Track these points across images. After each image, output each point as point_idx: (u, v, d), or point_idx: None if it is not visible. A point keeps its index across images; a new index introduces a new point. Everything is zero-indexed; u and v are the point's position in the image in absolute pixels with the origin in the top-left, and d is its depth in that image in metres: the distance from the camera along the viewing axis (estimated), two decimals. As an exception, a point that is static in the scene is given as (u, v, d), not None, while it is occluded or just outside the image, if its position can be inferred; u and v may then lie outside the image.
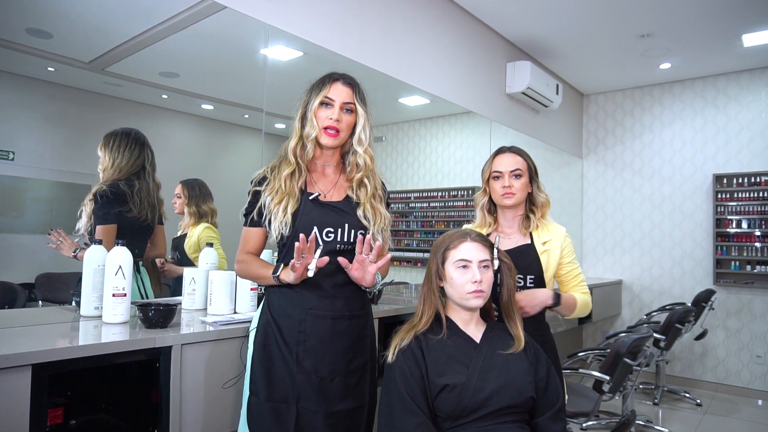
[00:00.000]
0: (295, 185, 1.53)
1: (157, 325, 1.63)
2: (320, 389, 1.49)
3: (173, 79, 2.84)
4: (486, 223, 1.94)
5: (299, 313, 1.51)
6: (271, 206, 1.51)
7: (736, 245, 4.72)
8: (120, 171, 2.18)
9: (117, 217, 2.12)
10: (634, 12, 3.62)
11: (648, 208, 5.22)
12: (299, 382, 1.48)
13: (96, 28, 2.38)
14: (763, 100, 4.69)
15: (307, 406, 1.48)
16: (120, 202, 2.14)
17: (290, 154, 1.55)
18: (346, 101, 1.55)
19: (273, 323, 1.53)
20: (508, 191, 1.83)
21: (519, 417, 1.43)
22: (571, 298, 1.82)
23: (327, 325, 1.52)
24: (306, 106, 1.57)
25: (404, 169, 5.03)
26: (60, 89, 2.51)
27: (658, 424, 3.87)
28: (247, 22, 2.32)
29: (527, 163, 1.88)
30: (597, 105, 5.58)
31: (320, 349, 1.51)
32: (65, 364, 1.32)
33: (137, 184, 2.21)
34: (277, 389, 1.49)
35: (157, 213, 2.32)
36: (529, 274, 1.81)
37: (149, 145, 2.30)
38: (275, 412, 1.48)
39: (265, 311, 1.57)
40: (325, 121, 1.53)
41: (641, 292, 5.23)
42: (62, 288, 2.30)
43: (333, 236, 1.54)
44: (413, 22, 3.19)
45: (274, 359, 1.51)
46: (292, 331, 1.51)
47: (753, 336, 4.67)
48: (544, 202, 1.88)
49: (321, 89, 1.55)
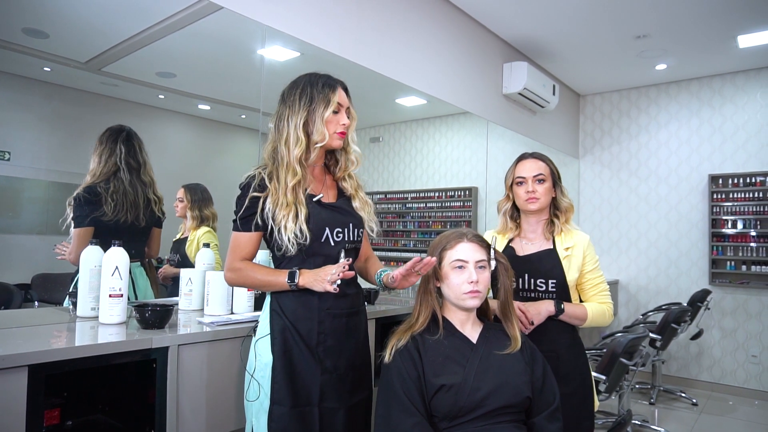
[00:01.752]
0: (300, 193, 1.52)
1: (153, 325, 1.63)
2: (339, 386, 1.53)
3: (170, 79, 2.83)
4: (507, 229, 1.95)
5: (318, 314, 1.52)
6: (279, 217, 1.48)
7: (731, 245, 4.75)
8: (93, 175, 2.17)
9: (92, 220, 2.12)
10: (631, 13, 3.63)
11: (644, 209, 5.24)
12: (323, 382, 1.51)
13: (93, 28, 2.38)
14: (759, 101, 4.71)
15: (329, 404, 1.51)
16: (92, 204, 2.13)
17: (296, 164, 1.52)
18: (348, 106, 1.61)
19: (292, 328, 1.51)
20: (532, 196, 1.84)
21: (515, 417, 1.44)
22: (580, 308, 1.80)
23: (343, 323, 1.56)
24: (308, 114, 1.54)
25: (401, 170, 5.03)
26: (56, 89, 2.50)
27: (655, 423, 3.88)
28: (244, 23, 2.32)
29: (550, 168, 1.89)
30: (593, 106, 5.60)
31: (338, 347, 1.54)
32: (62, 364, 1.32)
33: (112, 185, 2.18)
34: (301, 393, 1.49)
35: (142, 212, 2.26)
36: (551, 278, 1.82)
37: (125, 139, 2.24)
38: (300, 416, 1.48)
39: (278, 316, 1.53)
40: (338, 126, 1.57)
41: (637, 292, 5.25)
42: (58, 288, 2.30)
43: (342, 236, 1.57)
44: (410, 23, 3.19)
45: (295, 364, 1.50)
46: (311, 333, 1.52)
47: (748, 336, 4.69)
48: (567, 206, 1.89)
49: (330, 97, 1.55)
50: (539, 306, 1.77)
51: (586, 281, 1.84)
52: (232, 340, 1.71)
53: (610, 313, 1.86)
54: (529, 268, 1.84)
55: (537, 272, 1.83)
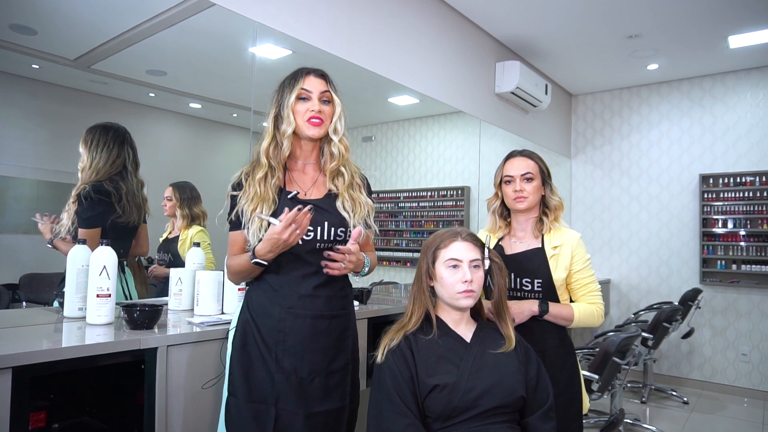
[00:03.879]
0: (269, 188, 1.50)
1: (142, 326, 1.61)
2: (300, 390, 1.47)
3: (160, 77, 2.80)
4: (497, 227, 1.93)
5: (279, 312, 1.48)
6: (248, 213, 1.48)
7: (722, 245, 4.78)
8: (98, 172, 2.10)
9: (102, 220, 2.07)
10: (623, 13, 3.64)
11: (636, 208, 5.26)
12: (278, 382, 1.46)
13: (82, 25, 2.34)
14: (749, 101, 4.74)
15: (287, 407, 1.46)
16: (105, 204, 2.08)
17: (262, 156, 1.52)
18: (322, 91, 1.54)
19: (252, 322, 1.51)
20: (519, 195, 1.82)
21: (509, 417, 1.43)
22: (566, 308, 1.78)
23: (307, 325, 1.49)
24: (279, 105, 1.54)
25: (393, 169, 5.02)
26: (44, 87, 2.47)
27: (646, 422, 3.90)
28: (236, 20, 2.30)
29: (539, 166, 1.86)
30: (585, 105, 5.62)
31: (300, 349, 1.48)
32: (47, 366, 1.29)
33: (123, 186, 2.14)
34: (256, 390, 1.47)
35: (142, 212, 2.27)
36: (537, 278, 1.79)
37: (130, 142, 2.22)
38: (254, 413, 1.46)
39: (245, 310, 1.55)
40: (306, 113, 1.51)
41: (629, 292, 5.27)
42: (46, 289, 2.27)
43: (312, 234, 1.50)
44: (403, 21, 3.18)
45: (253, 359, 1.49)
46: (271, 331, 1.48)
47: (739, 334, 4.72)
48: (557, 205, 1.86)
49: (294, 84, 1.52)
50: (522, 305, 1.75)
51: (574, 281, 1.81)
52: (222, 341, 1.69)
53: (600, 313, 1.81)
54: (516, 267, 1.82)
55: (523, 271, 1.81)
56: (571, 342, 1.87)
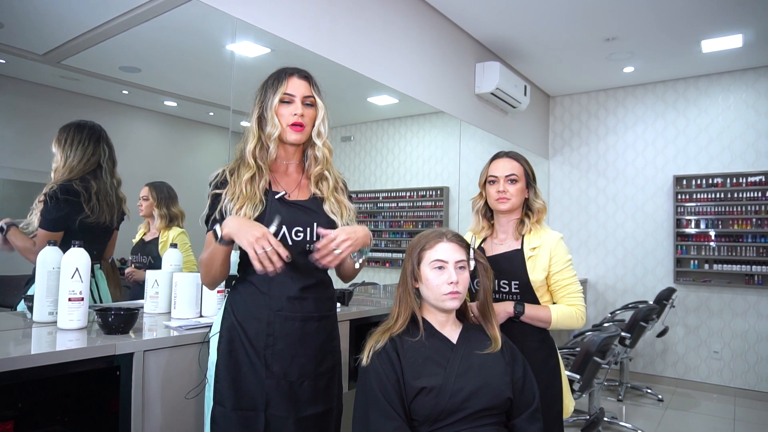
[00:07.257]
0: (256, 189, 1.47)
1: (117, 330, 1.54)
2: (290, 394, 1.44)
3: (134, 74, 2.72)
4: (480, 228, 1.93)
5: (267, 315, 1.45)
6: (233, 211, 1.44)
7: (694, 245, 4.88)
8: (72, 171, 2.02)
9: (67, 222, 1.99)
10: (600, 16, 3.69)
11: (612, 209, 5.34)
12: (268, 387, 1.42)
13: (51, 18, 2.26)
14: (720, 104, 4.86)
15: (277, 412, 1.42)
16: (72, 204, 2.00)
17: (249, 157, 1.49)
18: (306, 95, 1.51)
19: (238, 326, 1.46)
20: (502, 196, 1.82)
21: (496, 419, 1.42)
22: (543, 310, 1.76)
23: (296, 327, 1.46)
24: (262, 106, 1.51)
25: (372, 169, 4.99)
26: (11, 82, 2.37)
27: (623, 420, 3.95)
28: (214, 16, 2.24)
29: (524, 168, 1.86)
30: (563, 107, 5.68)
31: (289, 353, 1.45)
32: (15, 375, 1.23)
33: (94, 184, 2.06)
34: (245, 397, 1.42)
35: (116, 213, 2.19)
36: (514, 279, 1.79)
37: (106, 139, 2.15)
38: (243, 421, 1.41)
39: (228, 314, 1.50)
40: (289, 118, 1.49)
41: (605, 291, 5.34)
42: (13, 292, 2.17)
43: (302, 235, 1.48)
44: (384, 20, 3.16)
45: (241, 365, 1.44)
46: (259, 334, 1.44)
47: (711, 332, 4.83)
48: (540, 208, 1.86)
49: (278, 86, 1.50)
50: (497, 307, 1.74)
51: (554, 282, 1.80)
52: (201, 345, 1.64)
53: (580, 315, 1.79)
54: (495, 268, 1.78)
55: (501, 273, 1.80)
56: (553, 344, 1.86)
